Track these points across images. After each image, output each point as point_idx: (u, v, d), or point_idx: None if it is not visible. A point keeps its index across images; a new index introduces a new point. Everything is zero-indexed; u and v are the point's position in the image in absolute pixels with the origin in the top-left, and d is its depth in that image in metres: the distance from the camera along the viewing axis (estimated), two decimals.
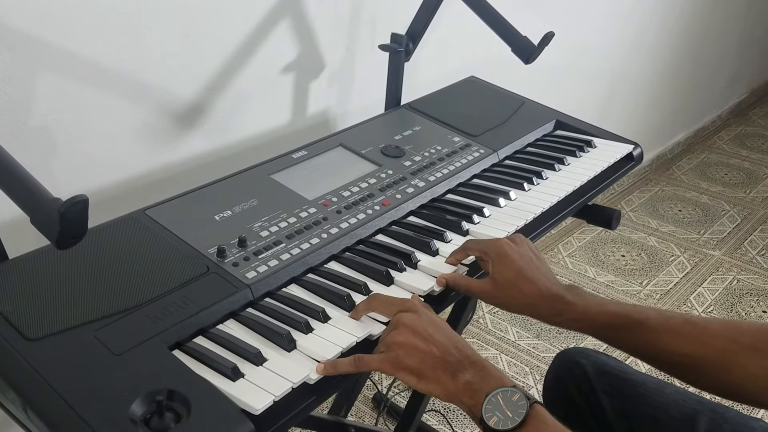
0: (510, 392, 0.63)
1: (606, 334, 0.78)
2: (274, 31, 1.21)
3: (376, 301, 0.75)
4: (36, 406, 0.61)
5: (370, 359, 0.69)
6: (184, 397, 0.62)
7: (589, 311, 0.77)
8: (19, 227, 0.85)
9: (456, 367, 0.67)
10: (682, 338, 0.74)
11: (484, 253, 0.82)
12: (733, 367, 0.71)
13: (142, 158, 1.10)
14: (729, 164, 2.97)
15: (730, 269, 2.25)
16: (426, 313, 0.72)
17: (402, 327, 0.69)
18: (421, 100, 1.24)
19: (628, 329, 0.76)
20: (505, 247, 0.81)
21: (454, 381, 0.66)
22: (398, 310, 0.72)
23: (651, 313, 0.76)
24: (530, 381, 1.77)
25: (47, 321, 0.68)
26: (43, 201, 0.57)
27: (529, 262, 0.81)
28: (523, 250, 0.82)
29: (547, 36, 1.08)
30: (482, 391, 0.64)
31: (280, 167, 0.99)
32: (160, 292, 0.73)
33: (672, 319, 0.76)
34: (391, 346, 0.69)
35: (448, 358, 0.67)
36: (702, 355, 0.73)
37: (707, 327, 0.74)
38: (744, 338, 0.71)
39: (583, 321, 0.78)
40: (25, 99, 0.93)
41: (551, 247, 2.33)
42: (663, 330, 0.75)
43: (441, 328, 0.70)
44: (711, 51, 2.89)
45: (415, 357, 0.67)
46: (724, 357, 0.72)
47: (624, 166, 1.15)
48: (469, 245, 0.85)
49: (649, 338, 0.75)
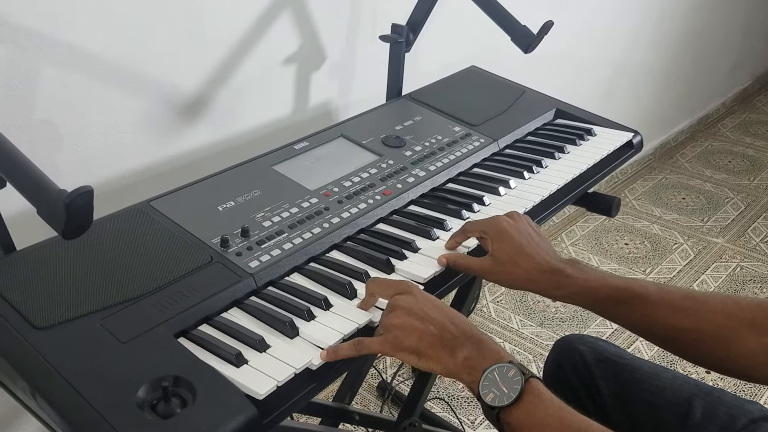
0: (506, 368, 0.64)
1: (606, 308, 0.78)
2: (276, 23, 1.21)
3: (373, 284, 0.76)
4: (45, 393, 0.63)
5: (370, 342, 0.70)
6: (190, 383, 0.63)
7: (590, 284, 0.78)
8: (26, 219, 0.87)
9: (454, 344, 0.67)
10: (680, 313, 0.74)
11: (483, 231, 0.83)
12: (731, 343, 0.71)
13: (146, 150, 1.11)
14: (733, 152, 2.96)
15: (734, 256, 2.25)
16: (422, 293, 0.73)
17: (398, 309, 0.70)
18: (421, 91, 1.25)
19: (628, 303, 0.76)
20: (504, 224, 0.82)
21: (453, 358, 0.67)
22: (395, 293, 0.73)
23: (651, 287, 0.77)
24: (533, 369, 1.78)
25: (55, 310, 0.69)
26: (50, 192, 0.59)
27: (528, 238, 0.81)
28: (522, 225, 0.83)
29: (547, 25, 1.08)
30: (480, 367, 0.65)
31: (282, 158, 1.00)
32: (165, 281, 0.75)
33: (672, 293, 0.76)
34: (389, 328, 0.70)
35: (445, 335, 0.68)
36: (700, 329, 0.73)
37: (706, 302, 0.74)
38: (742, 314, 0.71)
39: (584, 294, 0.78)
40: (30, 92, 0.94)
41: (555, 236, 2.34)
42: (662, 304, 0.75)
43: (437, 306, 0.71)
44: (714, 38, 2.88)
45: (412, 336, 0.68)
46: (722, 332, 0.72)
47: (624, 153, 1.16)
48: (467, 227, 0.86)
49: (649, 312, 0.75)
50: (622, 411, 0.92)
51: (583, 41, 2.08)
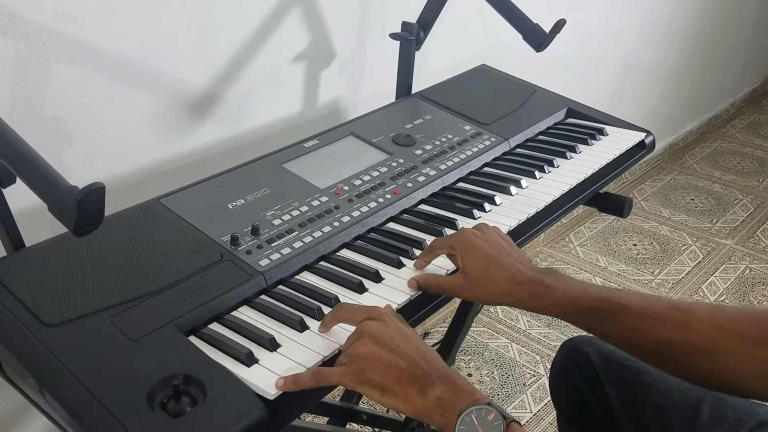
0: (485, 411, 0.59)
1: (588, 320, 0.74)
2: (285, 21, 1.21)
3: (341, 310, 0.71)
4: (55, 390, 0.63)
5: (331, 373, 0.64)
6: (200, 381, 0.63)
7: (571, 295, 0.73)
8: (35, 216, 0.87)
9: (424, 382, 0.62)
10: (666, 324, 0.70)
11: (451, 247, 0.79)
12: (720, 356, 0.67)
13: (155, 148, 1.11)
14: (742, 153, 2.95)
15: (743, 258, 2.24)
16: (393, 322, 0.67)
17: (366, 337, 0.65)
18: (431, 89, 1.24)
19: (611, 314, 0.72)
20: (472, 237, 0.78)
21: (423, 397, 0.61)
22: (364, 318, 0.67)
23: (634, 297, 0.72)
24: (541, 370, 1.77)
25: (65, 307, 0.69)
26: (61, 189, 0.58)
27: (499, 249, 0.77)
28: (491, 236, 0.78)
29: (559, 23, 1.07)
30: (454, 408, 0.60)
31: (292, 156, 0.99)
32: (175, 279, 0.74)
33: (656, 303, 0.71)
34: (354, 358, 0.64)
35: (416, 371, 0.63)
36: (688, 342, 0.69)
37: (692, 312, 0.70)
38: (731, 324, 0.67)
39: (565, 305, 0.73)
40: (40, 89, 0.94)
41: (562, 237, 2.33)
42: (647, 315, 0.71)
43: (409, 338, 0.66)
44: (724, 38, 2.86)
45: (378, 370, 0.63)
46: (711, 344, 0.68)
47: (636, 154, 1.15)
48: (435, 244, 0.81)
49: (633, 324, 0.71)
50: (630, 414, 0.91)
51: (592, 41, 2.07)
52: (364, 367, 0.63)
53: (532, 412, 1.66)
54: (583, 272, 2.15)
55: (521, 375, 1.76)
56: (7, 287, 0.71)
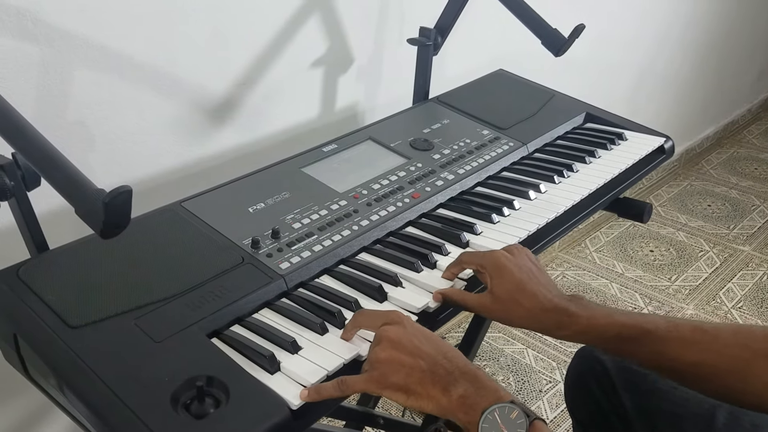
0: (508, 408, 0.59)
1: (615, 346, 0.74)
2: (304, 27, 1.22)
3: (360, 316, 0.72)
4: (80, 391, 0.63)
5: (354, 381, 0.65)
6: (223, 383, 0.63)
7: (596, 323, 0.73)
8: (58, 218, 0.88)
9: (447, 380, 0.62)
10: (692, 347, 0.70)
11: (480, 266, 0.79)
12: (749, 376, 0.67)
13: (176, 152, 1.12)
14: (759, 159, 2.92)
15: (761, 265, 2.21)
16: (411, 324, 0.68)
17: (385, 342, 0.65)
18: (449, 94, 1.24)
19: (637, 340, 0.72)
20: (503, 260, 0.77)
21: (447, 395, 0.62)
22: (382, 323, 0.68)
23: (660, 321, 0.72)
24: (557, 376, 1.76)
25: (89, 309, 0.70)
26: (88, 192, 0.59)
27: (529, 274, 0.77)
28: (522, 261, 0.78)
29: (578, 28, 1.07)
30: (478, 406, 0.60)
31: (311, 161, 1.00)
32: (197, 281, 0.75)
33: (681, 327, 0.72)
34: (375, 363, 0.64)
35: (438, 370, 0.63)
36: (714, 363, 0.69)
37: (718, 335, 0.70)
38: (757, 345, 0.67)
39: (590, 333, 0.73)
40: (63, 94, 0.95)
41: (579, 242, 2.32)
42: (672, 339, 0.71)
43: (428, 338, 0.66)
44: (740, 44, 2.84)
45: (400, 373, 0.63)
46: (738, 365, 0.68)
47: (655, 159, 1.14)
48: (464, 258, 0.82)
49: (659, 348, 0.71)
50: (645, 422, 0.90)
51: (608, 46, 2.06)
52: (386, 371, 0.64)
53: (549, 419, 1.65)
54: (600, 278, 2.14)
55: (537, 381, 1.75)
56: (32, 289, 0.72)
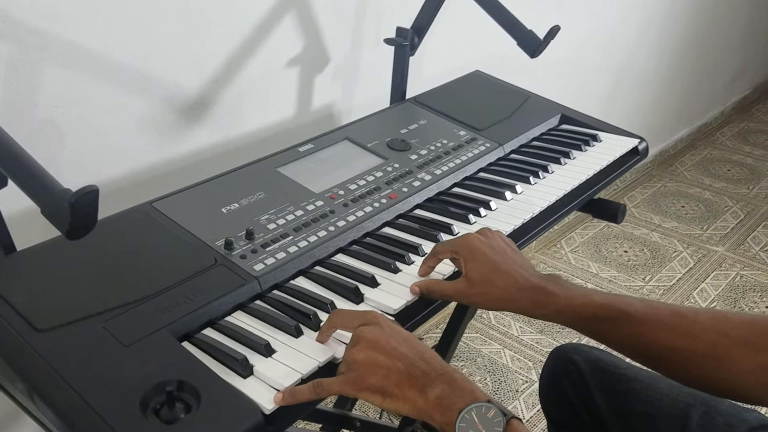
0: (485, 408, 0.59)
1: (591, 327, 0.73)
2: (280, 25, 1.21)
3: (336, 317, 0.70)
4: (47, 396, 0.62)
5: (330, 383, 0.64)
6: (194, 387, 0.62)
7: (574, 302, 0.73)
8: (26, 219, 0.86)
9: (424, 382, 0.62)
10: (669, 331, 0.70)
11: (455, 252, 0.78)
12: (724, 362, 0.67)
13: (148, 151, 1.10)
14: (732, 160, 2.97)
15: (734, 265, 2.25)
16: (389, 324, 0.67)
17: (362, 342, 0.64)
18: (426, 94, 1.24)
19: (613, 321, 0.72)
20: (475, 242, 0.77)
21: (423, 396, 0.61)
22: (359, 324, 0.67)
23: (637, 304, 0.72)
24: (533, 376, 1.77)
25: (57, 312, 0.68)
26: (54, 192, 0.58)
27: (503, 254, 0.76)
28: (495, 242, 0.78)
29: (553, 30, 1.07)
30: (454, 406, 0.59)
31: (287, 160, 0.99)
32: (168, 283, 0.74)
33: (659, 310, 0.71)
34: (352, 364, 0.64)
35: (415, 371, 0.62)
36: (691, 349, 0.69)
37: (696, 319, 0.70)
38: (735, 332, 0.67)
39: (567, 312, 0.73)
40: (32, 92, 0.93)
41: (554, 243, 2.33)
42: (649, 322, 0.70)
43: (406, 339, 0.65)
44: (714, 47, 2.88)
45: (378, 374, 0.62)
46: (714, 351, 0.68)
47: (629, 160, 1.15)
48: (438, 248, 0.81)
49: (636, 330, 0.71)
50: (620, 422, 0.90)
51: (584, 48, 2.08)
52: (363, 373, 0.63)
53: (525, 419, 1.65)
54: (575, 278, 2.16)
55: (514, 381, 1.76)
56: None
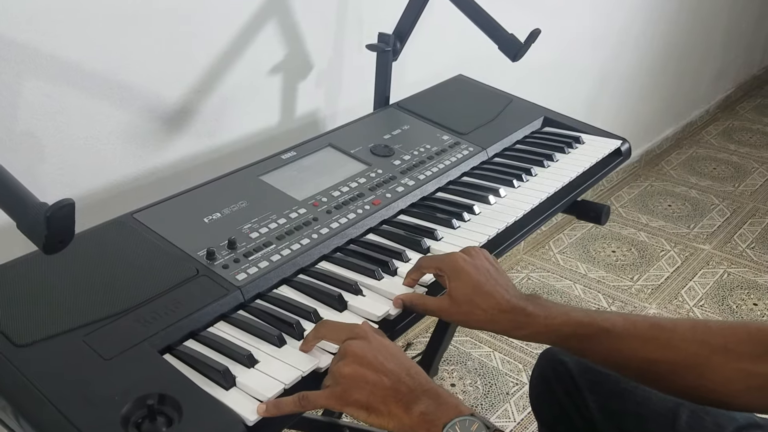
0: (468, 422, 0.59)
1: (571, 344, 0.74)
2: (261, 33, 1.20)
3: (324, 328, 0.71)
4: (26, 412, 0.61)
5: (315, 397, 0.64)
6: (176, 401, 0.61)
7: (552, 321, 0.73)
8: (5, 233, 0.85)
9: (409, 398, 0.62)
10: (650, 344, 0.70)
11: (439, 269, 0.79)
12: (706, 371, 0.68)
13: (129, 161, 1.09)
14: (717, 158, 2.99)
15: (721, 263, 2.26)
16: (376, 339, 0.67)
17: (349, 356, 0.64)
18: (409, 99, 1.24)
19: (594, 338, 0.72)
20: (460, 262, 0.77)
21: (408, 413, 0.61)
22: (347, 337, 0.67)
23: (617, 319, 0.72)
24: (524, 378, 1.77)
25: (36, 327, 0.67)
26: (30, 205, 0.57)
27: (486, 275, 0.77)
28: (479, 262, 0.78)
29: (534, 33, 1.08)
30: (439, 421, 0.60)
31: (269, 168, 0.98)
32: (149, 295, 0.73)
33: (638, 324, 0.72)
34: (338, 378, 0.64)
35: (401, 387, 0.63)
36: (672, 360, 0.69)
37: (675, 330, 0.70)
38: (714, 340, 0.68)
39: (548, 333, 0.74)
40: (11, 104, 0.92)
41: (542, 244, 2.34)
42: (630, 336, 0.71)
43: (393, 354, 0.65)
44: (697, 46, 2.91)
45: (364, 390, 0.62)
46: (695, 361, 0.68)
47: (612, 161, 1.15)
48: (423, 263, 0.81)
49: (617, 345, 0.71)
50: (610, 423, 0.90)
51: (568, 50, 2.09)
52: (349, 387, 0.63)
53: (516, 421, 1.65)
54: (564, 279, 2.16)
55: (504, 384, 1.76)
56: None
